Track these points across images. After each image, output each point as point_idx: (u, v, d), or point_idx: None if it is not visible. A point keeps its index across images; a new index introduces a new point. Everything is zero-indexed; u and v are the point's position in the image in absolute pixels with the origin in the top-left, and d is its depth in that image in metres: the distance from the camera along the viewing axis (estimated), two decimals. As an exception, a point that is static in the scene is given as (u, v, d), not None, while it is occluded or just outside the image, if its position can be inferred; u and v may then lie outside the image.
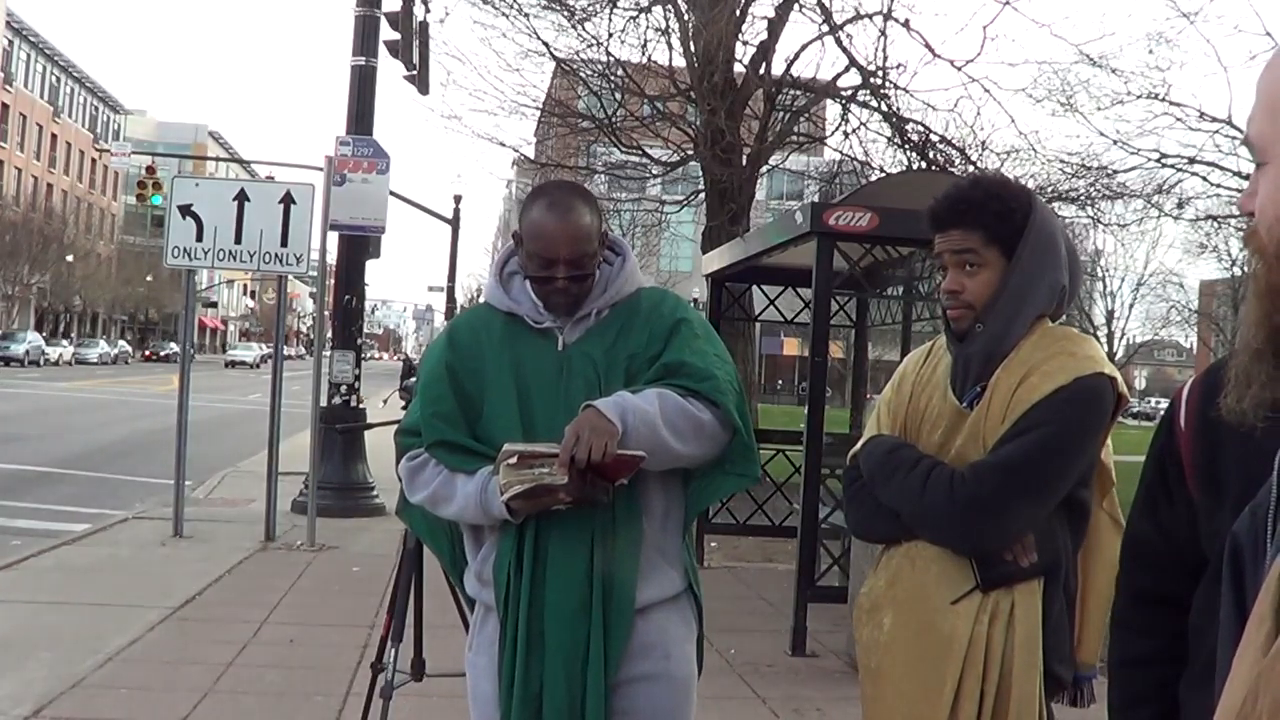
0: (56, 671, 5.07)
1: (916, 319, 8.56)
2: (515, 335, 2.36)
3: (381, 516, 10.03)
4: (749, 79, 13.37)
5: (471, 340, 2.39)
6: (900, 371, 2.42)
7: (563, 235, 2.27)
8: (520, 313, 2.36)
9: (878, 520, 2.29)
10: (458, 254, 35.82)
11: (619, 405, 2.16)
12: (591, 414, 2.14)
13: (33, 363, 46.33)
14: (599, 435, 2.10)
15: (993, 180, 2.36)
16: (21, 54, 61.71)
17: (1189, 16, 13.97)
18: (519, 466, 2.14)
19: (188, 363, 9.01)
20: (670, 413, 2.20)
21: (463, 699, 4.86)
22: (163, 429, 15.62)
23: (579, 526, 2.23)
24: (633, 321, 2.35)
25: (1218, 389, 1.57)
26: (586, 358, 2.31)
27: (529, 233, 2.31)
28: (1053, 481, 2.13)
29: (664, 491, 2.31)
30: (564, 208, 2.30)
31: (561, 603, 2.23)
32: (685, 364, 2.28)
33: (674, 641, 2.34)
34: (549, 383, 2.29)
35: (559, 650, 2.22)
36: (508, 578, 2.27)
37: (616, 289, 2.38)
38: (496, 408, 2.31)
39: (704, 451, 2.27)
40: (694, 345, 2.31)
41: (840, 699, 5.13)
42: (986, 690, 2.11)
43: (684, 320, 2.36)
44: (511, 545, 2.28)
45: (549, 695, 2.23)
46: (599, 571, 2.23)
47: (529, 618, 2.24)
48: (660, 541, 2.32)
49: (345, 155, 9.98)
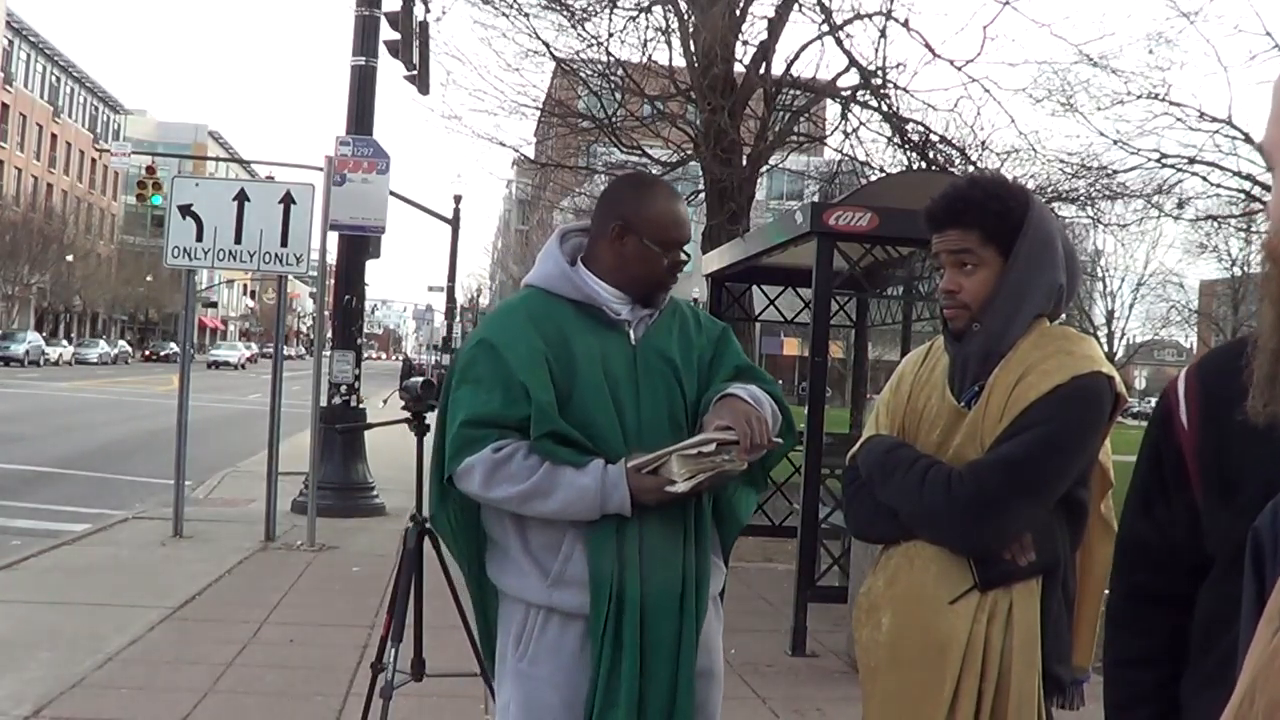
0: (56, 671, 5.07)
1: (916, 319, 8.56)
2: (593, 327, 2.34)
3: (381, 516, 10.03)
4: (749, 79, 13.36)
5: (554, 329, 2.31)
6: (899, 372, 2.42)
7: (687, 220, 2.44)
8: (599, 303, 2.35)
9: (877, 520, 2.29)
10: (458, 254, 35.85)
11: (753, 395, 2.30)
12: (740, 403, 2.26)
13: (33, 363, 46.32)
14: (762, 422, 2.23)
15: (990, 180, 2.36)
16: (21, 54, 61.70)
17: (1189, 16, 13.99)
18: (696, 457, 2.19)
19: (188, 363, 9.02)
20: (766, 409, 2.33)
21: (462, 699, 4.85)
22: (163, 429, 15.62)
23: (673, 520, 2.28)
24: (685, 324, 2.44)
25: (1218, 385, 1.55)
26: (658, 354, 2.35)
27: (663, 220, 2.37)
28: (1051, 480, 2.13)
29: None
30: (678, 197, 2.48)
31: (664, 597, 2.25)
32: (752, 368, 2.45)
33: (714, 637, 2.40)
34: (626, 376, 2.31)
35: (661, 645, 2.24)
36: (611, 576, 2.22)
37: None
38: (590, 400, 2.26)
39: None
40: (741, 353, 2.49)
41: (840, 699, 5.13)
42: (985, 690, 2.11)
43: (726, 328, 2.53)
44: (611, 542, 2.22)
45: (653, 692, 2.21)
46: (690, 564, 2.29)
47: (635, 614, 2.22)
48: (713, 538, 2.41)
49: (345, 155, 9.98)
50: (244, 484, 11.85)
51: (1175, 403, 1.56)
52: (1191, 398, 1.55)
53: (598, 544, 2.23)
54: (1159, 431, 1.56)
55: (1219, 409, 1.49)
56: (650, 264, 2.35)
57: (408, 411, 3.92)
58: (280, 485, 8.91)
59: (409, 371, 11.86)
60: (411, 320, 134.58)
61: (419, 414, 3.90)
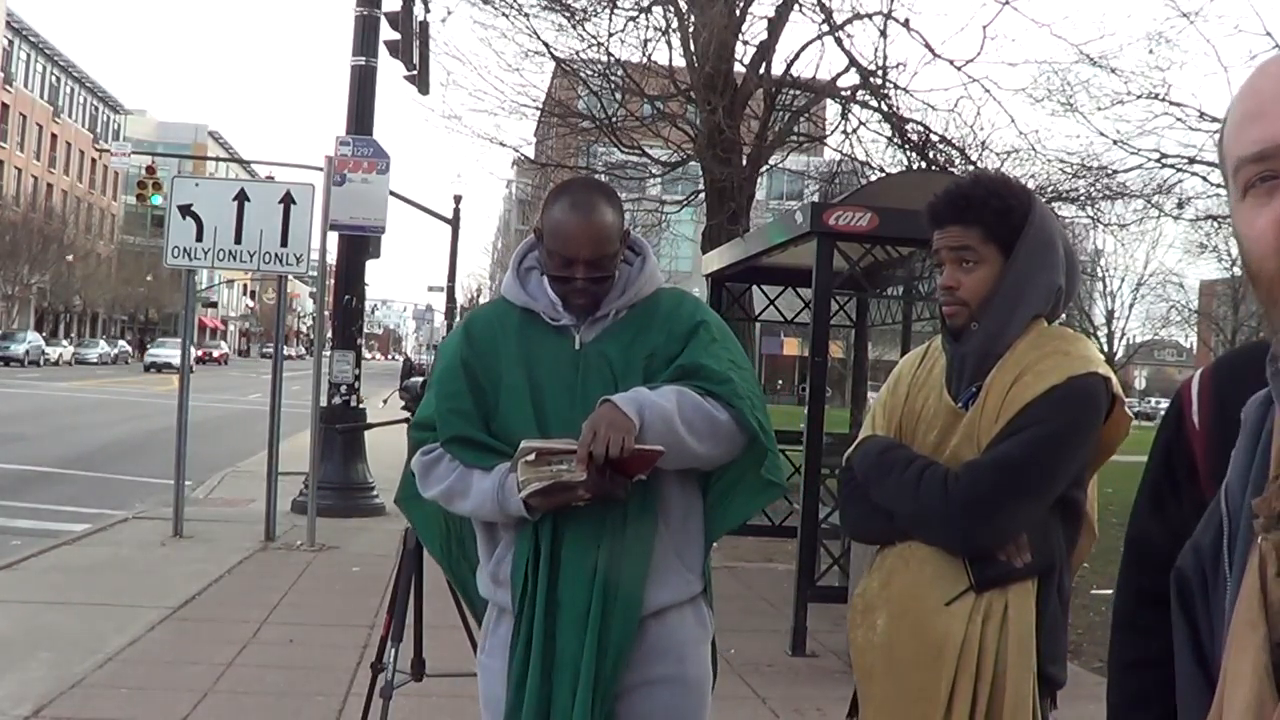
0: (56, 671, 5.08)
1: (916, 319, 8.56)
2: (531, 331, 2.34)
3: (381, 516, 10.03)
4: (749, 78, 13.36)
5: (487, 335, 2.36)
6: (896, 372, 2.42)
7: (584, 235, 2.25)
8: (537, 309, 2.34)
9: (872, 521, 2.29)
10: (458, 254, 35.86)
11: (636, 400, 2.15)
12: (608, 409, 2.13)
13: (33, 363, 46.32)
14: (616, 430, 2.09)
15: (993, 178, 2.36)
16: (21, 54, 61.71)
17: (1189, 16, 13.92)
18: (537, 463, 2.12)
19: (188, 363, 9.02)
20: (687, 410, 2.19)
21: (462, 699, 4.86)
22: (163, 429, 15.62)
23: (592, 525, 2.21)
24: (650, 322, 2.33)
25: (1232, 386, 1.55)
26: (603, 357, 2.29)
27: (550, 231, 2.29)
28: (1047, 481, 2.13)
29: (682, 492, 2.29)
30: (587, 207, 2.27)
31: (572, 604, 2.20)
32: (703, 366, 2.26)
33: (688, 644, 2.32)
34: (564, 381, 2.27)
35: (569, 653, 2.20)
36: (525, 578, 2.25)
37: (636, 290, 2.36)
38: (510, 404, 2.29)
39: (721, 452, 2.25)
40: (711, 349, 2.30)
41: (840, 699, 5.09)
42: (980, 691, 2.10)
43: (703, 323, 2.34)
44: (529, 544, 2.25)
45: (557, 700, 2.20)
46: (602, 571, 2.20)
47: (543, 620, 2.21)
48: (679, 543, 2.29)
49: (345, 155, 9.98)
50: (244, 484, 11.86)
51: (1188, 403, 1.57)
52: (1204, 399, 1.55)
53: (519, 546, 2.28)
54: (1171, 431, 1.56)
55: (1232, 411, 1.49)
56: (552, 284, 2.32)
57: (407, 411, 3.92)
58: (280, 485, 8.91)
59: (409, 371, 11.92)
60: (411, 320, 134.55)
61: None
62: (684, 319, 2.34)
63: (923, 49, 12.92)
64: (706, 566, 2.38)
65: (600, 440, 2.07)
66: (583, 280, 2.26)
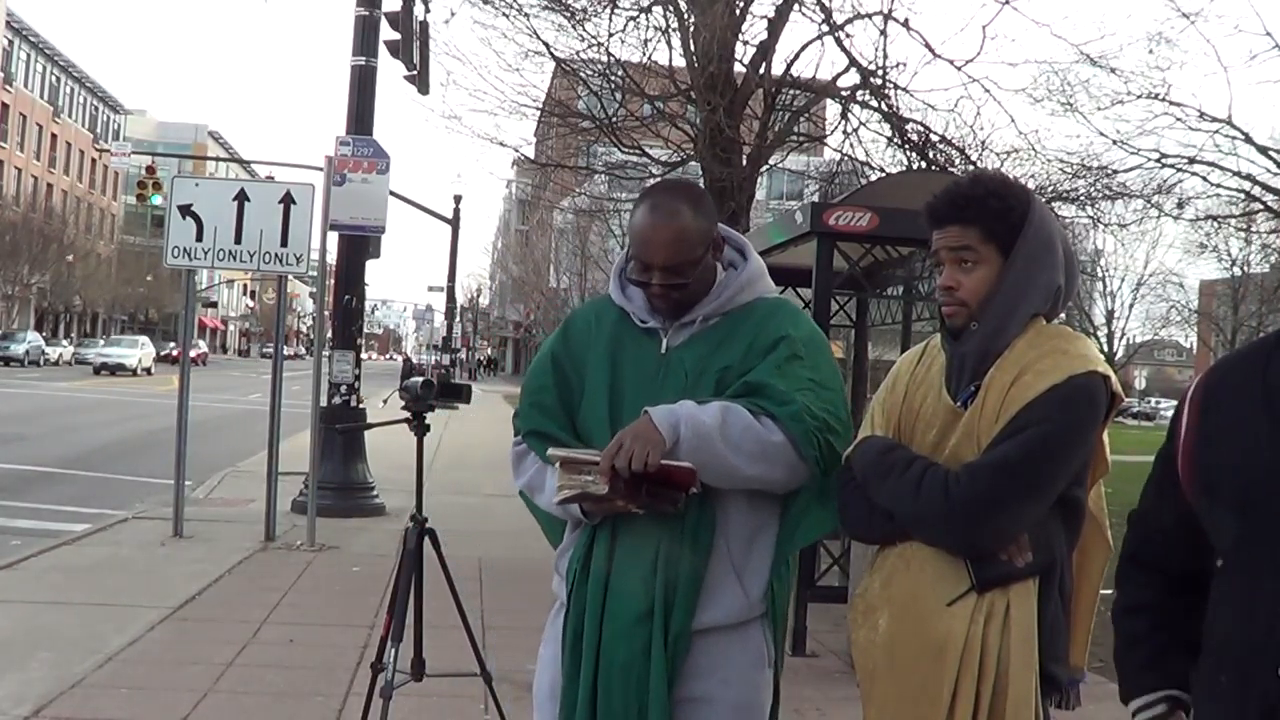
0: (56, 671, 5.08)
1: (916, 319, 8.56)
2: (623, 332, 2.33)
3: (381, 516, 10.04)
4: (749, 78, 13.35)
5: (583, 332, 2.37)
6: (895, 372, 2.41)
7: (659, 240, 2.22)
8: (629, 310, 2.34)
9: (872, 521, 2.29)
10: (458, 254, 35.88)
11: (673, 415, 2.11)
12: (641, 422, 2.11)
13: (33, 363, 46.29)
14: (642, 444, 2.05)
15: (993, 178, 2.36)
16: (21, 54, 61.71)
17: (1189, 16, 13.93)
18: (568, 471, 2.11)
19: (188, 362, 9.02)
20: (733, 429, 2.13)
21: (462, 699, 4.87)
22: (163, 429, 15.62)
23: (647, 534, 2.18)
24: (737, 332, 2.28)
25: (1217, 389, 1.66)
26: (682, 363, 2.26)
27: (631, 235, 2.29)
28: (1048, 480, 2.13)
29: (751, 510, 2.23)
30: (666, 211, 2.24)
31: (623, 611, 2.18)
32: (767, 385, 2.20)
33: (734, 666, 2.24)
34: (646, 384, 2.25)
35: (616, 660, 2.17)
36: (573, 577, 2.25)
37: (729, 297, 2.31)
38: (590, 403, 2.29)
39: (780, 475, 2.19)
40: (786, 367, 2.23)
41: (840, 699, 5.13)
42: (982, 691, 2.10)
43: (785, 339, 2.26)
44: (583, 545, 2.25)
45: (603, 706, 2.17)
46: (660, 584, 2.16)
47: (592, 624, 2.20)
48: (740, 564, 2.23)
49: (345, 155, 9.99)
50: (244, 484, 11.86)
51: (1183, 403, 1.72)
52: (1195, 401, 1.64)
53: (577, 544, 2.28)
54: (1171, 429, 1.74)
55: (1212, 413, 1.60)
56: (633, 276, 2.32)
57: (408, 411, 3.92)
58: (280, 485, 8.91)
59: (409, 371, 11.88)
60: (411, 320, 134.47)
61: (419, 414, 3.90)
62: (769, 333, 2.27)
63: (923, 49, 12.91)
64: (776, 592, 2.29)
65: (624, 454, 2.05)
66: (659, 286, 2.23)
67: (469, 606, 4.22)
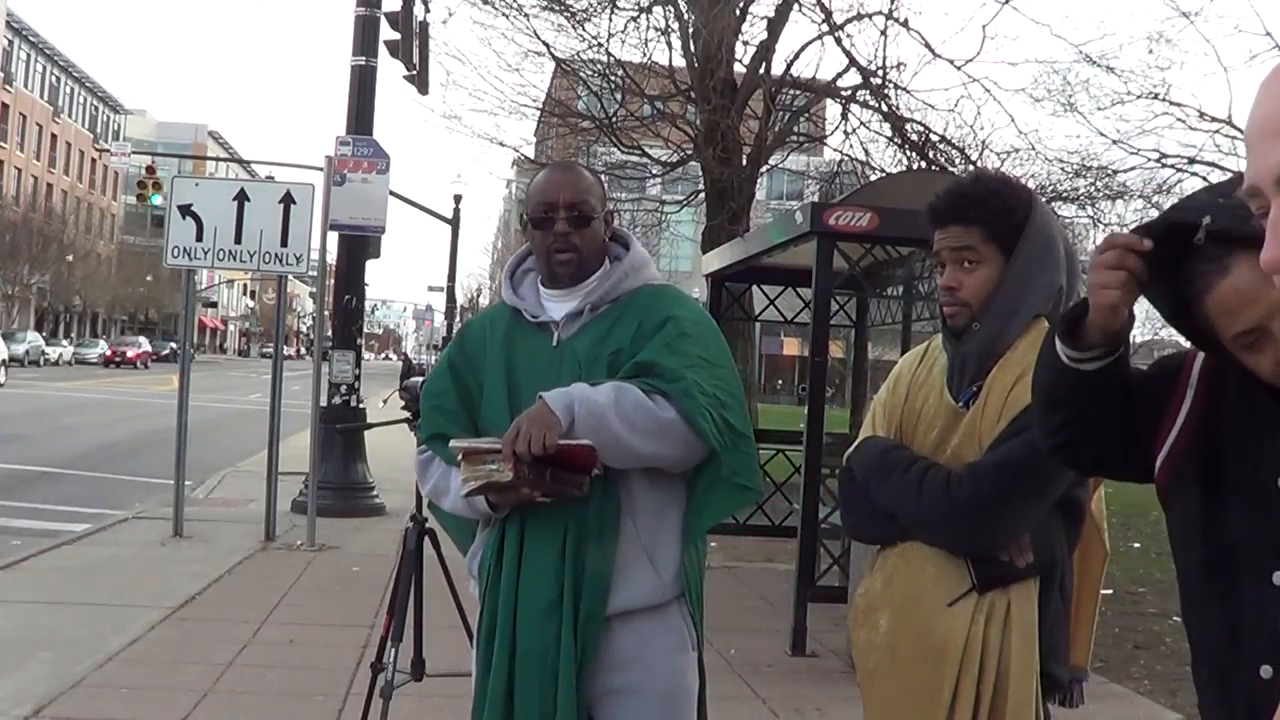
0: (56, 671, 5.07)
1: (916, 319, 8.56)
2: (516, 331, 2.38)
3: (381, 516, 10.04)
4: (749, 79, 13.36)
5: (478, 338, 2.43)
6: (896, 372, 2.41)
7: (562, 181, 2.36)
8: (521, 307, 2.38)
9: (873, 522, 2.29)
10: (458, 254, 35.86)
11: (566, 396, 2.15)
12: (536, 406, 2.14)
13: (33, 363, 46.28)
14: (539, 427, 2.08)
15: (994, 178, 2.36)
16: (21, 54, 61.69)
17: (1189, 16, 13.96)
18: (471, 462, 2.13)
19: (188, 363, 9.02)
20: (626, 407, 2.15)
21: (462, 699, 4.84)
22: (163, 429, 15.61)
23: (555, 521, 2.20)
24: (624, 318, 2.32)
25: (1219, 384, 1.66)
26: (575, 353, 2.30)
27: (531, 190, 2.37)
28: (1049, 481, 2.12)
29: (652, 490, 2.25)
30: (565, 165, 2.49)
31: (534, 600, 2.20)
32: (656, 364, 2.23)
33: (659, 653, 2.25)
34: (541, 378, 2.26)
35: (530, 652, 2.19)
36: (488, 573, 2.28)
37: (615, 282, 2.35)
38: (490, 402, 2.33)
39: (676, 451, 2.21)
40: (676, 345, 2.25)
41: (840, 699, 5.13)
42: (983, 691, 2.10)
43: (671, 319, 2.30)
44: (494, 541, 2.28)
45: (520, 698, 2.18)
46: (570, 569, 2.19)
47: (505, 615, 2.22)
48: (650, 543, 2.24)
49: (345, 155, 9.98)
50: (244, 484, 11.85)
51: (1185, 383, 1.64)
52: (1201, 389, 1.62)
53: (488, 541, 2.31)
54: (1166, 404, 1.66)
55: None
56: (537, 246, 2.37)
57: (408, 411, 3.92)
58: (280, 485, 8.91)
59: (409, 371, 11.83)
60: (411, 320, 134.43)
61: (419, 414, 3.90)
62: (656, 313, 2.31)
63: (923, 49, 12.94)
64: (689, 571, 2.30)
65: (523, 437, 2.07)
66: (563, 222, 2.30)
67: (469, 606, 4.22)
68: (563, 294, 2.36)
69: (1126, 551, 9.89)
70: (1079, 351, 1.60)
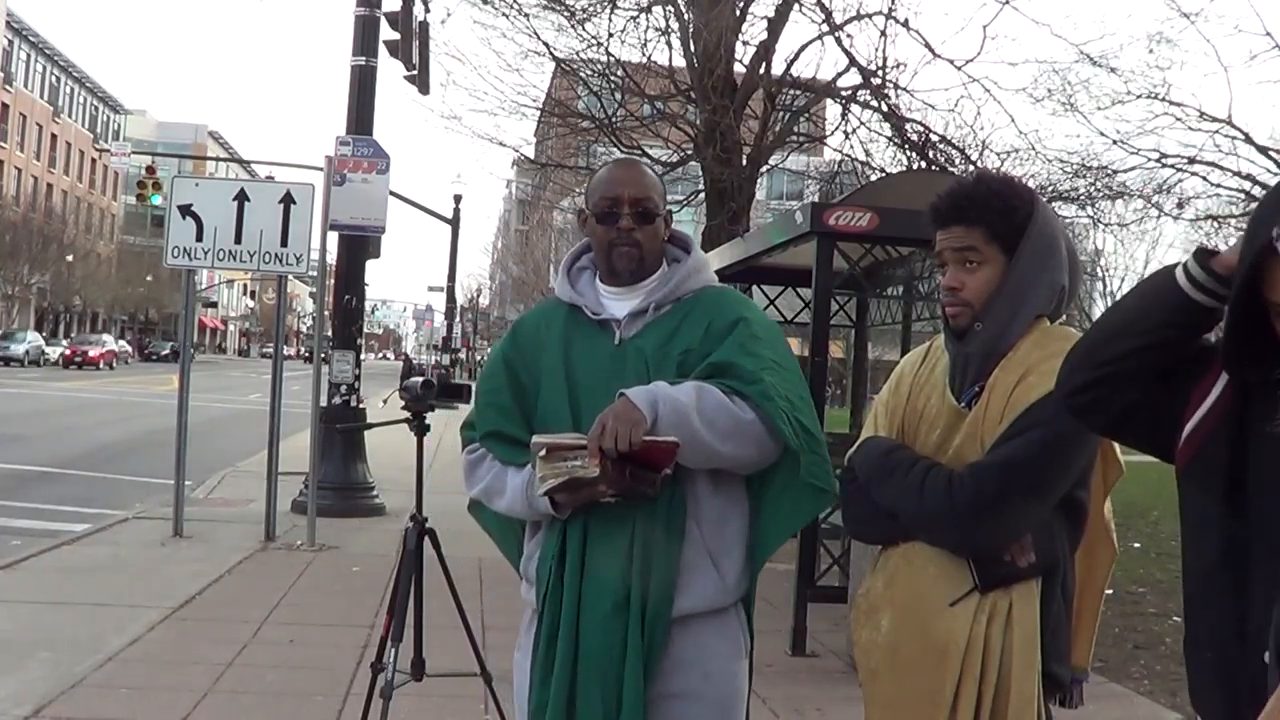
0: (56, 671, 5.07)
1: (916, 319, 8.56)
2: (575, 328, 2.34)
3: (381, 516, 10.04)
4: (749, 79, 13.35)
5: (533, 333, 2.39)
6: (898, 372, 2.41)
7: (628, 177, 2.35)
8: (581, 304, 2.35)
9: (874, 522, 2.28)
10: (458, 254, 35.89)
11: (650, 394, 2.13)
12: (620, 402, 2.12)
13: (33, 363, 46.26)
14: (625, 423, 2.07)
15: (996, 178, 2.36)
16: (21, 54, 61.70)
17: (1189, 16, 13.93)
18: (551, 459, 2.11)
19: (188, 363, 9.02)
20: (708, 407, 2.14)
21: (462, 699, 4.86)
22: (163, 429, 15.60)
23: (622, 523, 2.18)
24: (690, 318, 2.31)
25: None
26: (640, 353, 2.27)
27: (595, 185, 2.36)
28: (1052, 481, 2.12)
29: (716, 493, 2.23)
30: (629, 162, 2.46)
31: (598, 603, 2.17)
32: (734, 365, 2.22)
33: (714, 658, 2.25)
34: (603, 376, 2.25)
35: (593, 655, 2.16)
36: (549, 575, 2.23)
37: (677, 283, 2.34)
38: (548, 400, 2.29)
39: (752, 453, 2.20)
40: (749, 346, 2.25)
41: (840, 699, 5.13)
42: (985, 691, 2.10)
43: (742, 320, 2.30)
44: (555, 543, 2.24)
45: (583, 702, 2.16)
46: (637, 571, 2.16)
47: (568, 618, 2.19)
48: (714, 547, 2.23)
49: (345, 155, 9.98)
50: (244, 484, 11.85)
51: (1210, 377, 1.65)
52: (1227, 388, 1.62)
53: (546, 543, 2.28)
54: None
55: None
56: (599, 240, 2.35)
57: (408, 411, 3.92)
58: (280, 485, 8.91)
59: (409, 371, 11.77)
60: (411, 320, 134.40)
61: (419, 414, 3.90)
62: (724, 316, 2.30)
63: (923, 49, 12.92)
64: (750, 578, 2.32)
65: (609, 434, 2.06)
66: (628, 219, 2.29)
67: (469, 606, 4.22)
68: (622, 291, 2.35)
69: (1126, 551, 9.88)
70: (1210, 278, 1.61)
